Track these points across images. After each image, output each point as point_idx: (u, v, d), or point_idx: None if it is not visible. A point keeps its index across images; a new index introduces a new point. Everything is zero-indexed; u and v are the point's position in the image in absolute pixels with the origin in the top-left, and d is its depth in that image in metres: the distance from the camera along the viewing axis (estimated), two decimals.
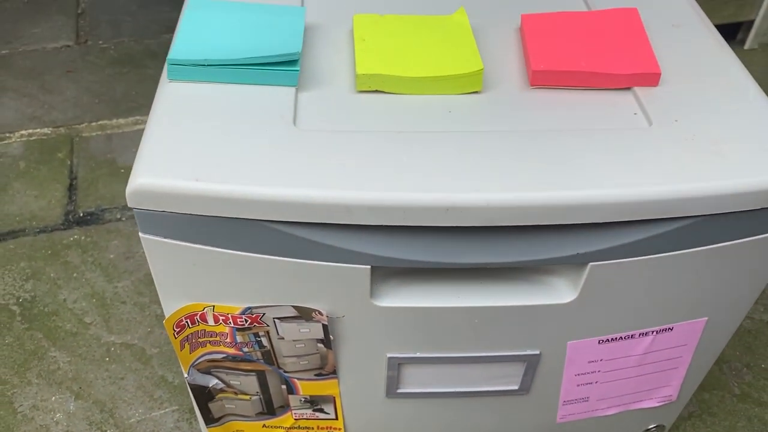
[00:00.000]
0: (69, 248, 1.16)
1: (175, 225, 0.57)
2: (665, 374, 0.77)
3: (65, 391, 0.97)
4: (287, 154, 0.56)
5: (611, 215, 0.56)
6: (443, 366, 0.71)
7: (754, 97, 0.64)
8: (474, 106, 0.63)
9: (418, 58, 0.65)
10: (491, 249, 0.59)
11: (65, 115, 1.44)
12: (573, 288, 0.63)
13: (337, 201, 0.54)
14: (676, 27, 0.72)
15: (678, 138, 0.59)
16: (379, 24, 0.70)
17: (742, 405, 0.99)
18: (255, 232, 0.56)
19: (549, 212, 0.55)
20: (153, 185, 0.54)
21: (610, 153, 0.58)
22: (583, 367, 0.72)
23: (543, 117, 0.62)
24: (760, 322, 1.09)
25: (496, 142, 0.59)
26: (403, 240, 0.58)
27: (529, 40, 0.68)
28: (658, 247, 0.59)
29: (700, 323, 0.70)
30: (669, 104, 0.63)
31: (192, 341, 0.68)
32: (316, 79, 0.65)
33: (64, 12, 1.75)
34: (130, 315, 1.06)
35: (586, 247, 0.58)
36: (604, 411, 0.80)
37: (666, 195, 0.55)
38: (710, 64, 0.68)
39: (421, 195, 0.54)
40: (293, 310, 0.64)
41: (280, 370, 0.71)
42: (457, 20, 0.70)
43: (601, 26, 0.69)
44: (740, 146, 0.59)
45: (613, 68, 0.64)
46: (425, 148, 0.58)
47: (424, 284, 0.64)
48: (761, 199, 0.57)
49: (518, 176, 0.56)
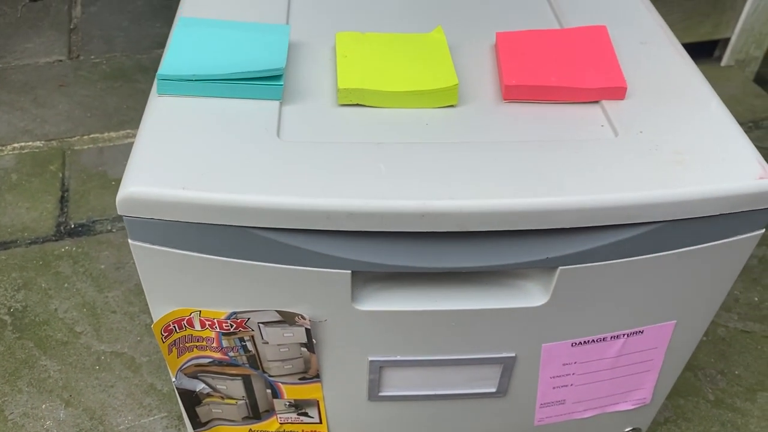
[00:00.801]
0: (60, 259, 1.18)
1: (163, 232, 0.59)
2: (638, 377, 0.80)
3: (55, 399, 0.98)
4: (270, 163, 0.59)
5: (578, 221, 0.59)
6: (423, 369, 0.73)
7: (716, 110, 0.67)
8: (450, 119, 0.66)
9: (397, 74, 0.69)
10: (466, 254, 0.62)
11: (57, 128, 1.46)
12: (544, 291, 0.66)
13: (317, 208, 0.57)
14: (643, 44, 0.76)
15: (642, 148, 0.63)
16: (361, 41, 0.73)
17: (716, 410, 1.01)
18: (239, 238, 0.59)
19: (519, 218, 0.58)
20: (142, 193, 0.57)
21: (578, 162, 0.61)
22: (558, 369, 0.75)
23: (515, 129, 0.65)
24: (734, 330, 1.12)
25: (469, 152, 0.62)
26: (382, 245, 0.61)
27: (502, 57, 0.71)
28: (625, 252, 0.62)
29: (669, 326, 0.73)
30: (634, 116, 0.66)
31: (179, 346, 0.70)
32: (300, 93, 0.68)
33: (57, 27, 1.78)
34: (120, 324, 1.08)
35: (556, 252, 0.61)
36: (580, 414, 0.83)
37: (629, 201, 0.58)
38: (675, 79, 0.71)
39: (398, 202, 0.57)
40: (277, 314, 0.66)
41: (265, 375, 0.73)
42: (435, 38, 0.74)
43: (571, 43, 0.73)
44: (701, 156, 0.62)
45: (582, 83, 0.68)
46: (402, 158, 0.61)
47: (403, 289, 0.67)
48: (720, 206, 0.60)
49: (490, 184, 0.59)
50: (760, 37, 1.69)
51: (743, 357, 1.08)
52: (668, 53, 0.75)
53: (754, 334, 1.12)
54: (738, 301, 1.17)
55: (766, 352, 1.09)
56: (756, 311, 1.15)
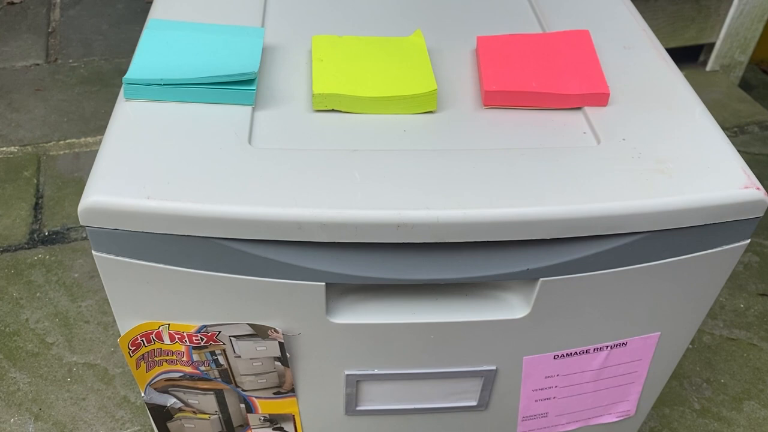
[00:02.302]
0: (33, 267, 1.15)
1: (129, 243, 0.57)
2: (622, 389, 0.78)
3: (24, 413, 0.95)
4: (240, 171, 0.57)
5: (558, 231, 0.57)
6: (401, 382, 0.71)
7: (700, 117, 0.66)
8: (428, 125, 0.64)
9: (374, 79, 0.67)
10: (444, 265, 0.60)
11: (33, 133, 1.43)
12: (525, 303, 0.64)
13: (288, 218, 0.54)
14: (627, 49, 0.74)
15: (625, 156, 0.61)
16: (337, 45, 0.71)
17: (702, 420, 1.00)
18: (207, 249, 0.57)
19: (497, 228, 0.56)
20: (105, 203, 0.54)
21: (559, 171, 0.59)
22: (540, 382, 0.73)
23: (495, 136, 0.63)
24: (720, 338, 1.11)
25: (448, 161, 0.60)
26: (357, 257, 0.59)
27: (483, 61, 0.69)
28: (607, 263, 0.61)
29: (654, 338, 0.72)
30: (617, 123, 0.64)
31: (148, 360, 0.68)
32: (274, 98, 0.66)
33: (35, 31, 1.74)
34: (93, 335, 1.05)
35: (536, 263, 0.59)
36: (563, 427, 0.81)
37: (611, 212, 0.57)
38: (659, 85, 0.70)
39: (372, 212, 0.55)
40: (249, 328, 0.64)
41: (238, 389, 0.71)
42: (414, 42, 0.72)
43: (553, 48, 0.71)
44: (685, 164, 0.60)
45: (564, 89, 0.66)
46: (378, 166, 0.59)
47: (379, 301, 0.64)
48: (704, 216, 0.59)
49: (468, 193, 0.57)
50: (744, 42, 1.69)
51: (729, 365, 1.07)
52: (652, 58, 0.73)
53: (740, 342, 1.11)
54: (724, 308, 1.16)
55: (752, 360, 1.08)
56: (742, 318, 1.14)
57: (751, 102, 1.66)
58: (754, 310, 1.16)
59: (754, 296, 1.18)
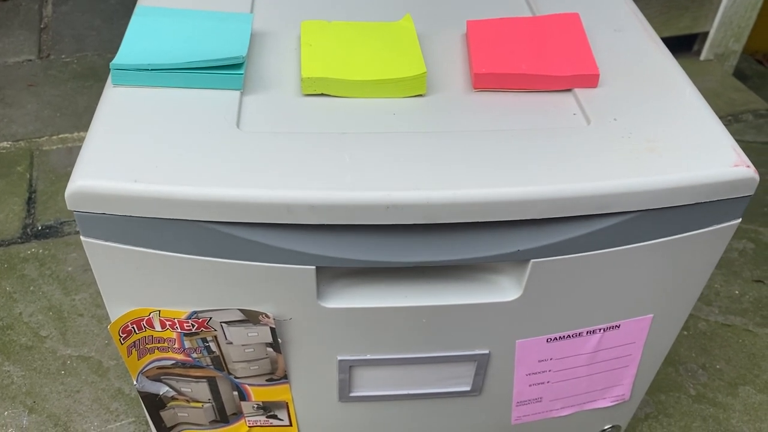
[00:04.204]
0: (26, 261, 1.15)
1: (117, 228, 0.56)
2: (616, 373, 0.78)
3: (18, 406, 0.95)
4: (228, 154, 0.57)
5: (550, 211, 0.57)
6: (394, 368, 0.71)
7: (690, 97, 0.66)
8: (418, 108, 0.64)
9: (364, 62, 0.66)
10: (435, 247, 0.60)
11: (25, 128, 1.42)
12: (517, 285, 0.63)
13: (277, 200, 0.54)
14: (617, 32, 0.74)
15: (615, 136, 0.61)
16: (327, 30, 0.71)
17: (697, 405, 1.00)
18: (196, 233, 0.56)
19: (488, 209, 0.56)
20: (92, 187, 0.54)
21: (548, 151, 0.59)
22: (533, 366, 0.73)
23: (485, 118, 0.63)
24: (715, 324, 1.11)
25: (437, 142, 0.59)
26: (347, 240, 0.58)
27: (472, 45, 0.69)
28: (598, 244, 0.60)
29: (647, 320, 0.71)
30: (607, 104, 0.64)
31: (139, 347, 0.67)
32: (262, 83, 0.66)
33: (27, 27, 1.74)
34: (87, 327, 1.05)
35: (527, 244, 0.59)
36: (558, 412, 0.81)
37: (602, 190, 0.56)
38: (649, 67, 0.69)
39: (362, 193, 0.55)
40: (240, 313, 0.64)
41: (231, 376, 0.71)
42: (403, 26, 0.72)
43: (543, 31, 0.71)
44: (675, 144, 0.60)
45: (553, 70, 0.66)
46: (368, 149, 0.58)
47: (371, 285, 0.64)
48: (695, 194, 0.58)
49: (458, 174, 0.56)
50: (738, 31, 1.69)
51: (724, 351, 1.07)
52: (642, 40, 0.73)
53: (735, 328, 1.10)
54: (719, 294, 1.16)
55: (747, 346, 1.08)
56: (737, 305, 1.14)
57: (745, 91, 1.66)
58: (749, 296, 1.15)
59: (749, 282, 1.18)
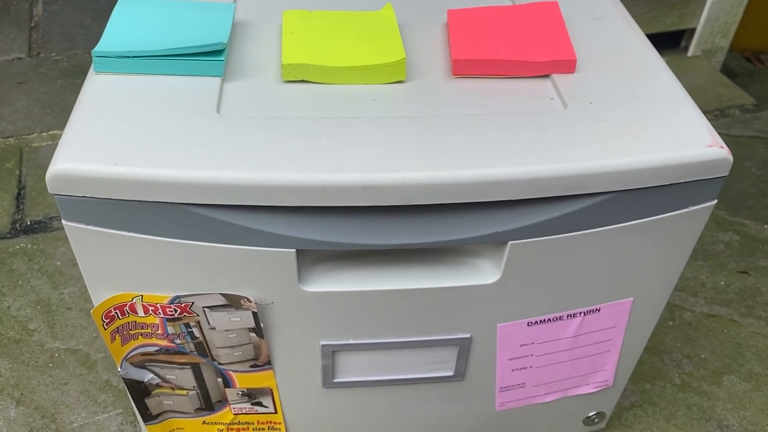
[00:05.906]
0: (15, 256, 1.15)
1: (97, 211, 0.57)
2: (599, 358, 0.78)
3: (6, 398, 0.95)
4: (207, 138, 0.57)
5: (525, 192, 0.57)
6: (377, 352, 0.71)
7: (666, 81, 0.67)
8: (397, 94, 0.65)
9: (344, 50, 0.67)
10: (414, 230, 0.60)
11: (15, 125, 1.43)
12: (496, 268, 0.64)
13: (255, 182, 0.55)
14: (595, 20, 0.75)
15: (591, 119, 0.62)
16: (308, 19, 0.71)
17: (682, 394, 1.00)
18: (175, 216, 0.57)
19: (464, 190, 0.56)
20: (72, 170, 0.54)
21: (525, 133, 0.60)
22: (515, 350, 0.74)
23: (463, 103, 0.64)
24: (701, 315, 1.12)
25: (415, 126, 0.60)
26: (326, 223, 0.59)
27: (452, 32, 0.70)
28: (575, 225, 0.61)
29: (627, 304, 0.72)
30: (584, 89, 0.65)
31: (123, 333, 0.68)
32: (243, 70, 0.66)
33: (17, 25, 1.74)
34: (75, 321, 1.05)
35: (505, 226, 0.60)
36: (542, 398, 0.81)
37: (578, 171, 0.57)
38: (626, 53, 0.70)
39: (339, 175, 0.55)
40: (222, 298, 0.64)
41: (215, 363, 0.71)
42: (384, 15, 0.72)
43: (522, 19, 0.72)
44: (651, 126, 0.61)
45: (531, 56, 0.67)
46: (346, 132, 0.59)
47: (352, 269, 0.65)
48: (670, 175, 0.59)
49: (435, 156, 0.57)
50: (725, 27, 1.70)
51: (709, 341, 1.08)
52: (620, 28, 0.74)
53: (720, 318, 1.11)
54: (704, 285, 1.16)
55: (732, 336, 1.09)
56: (722, 295, 1.15)
57: (732, 86, 1.67)
58: (734, 287, 1.16)
59: (734, 273, 1.19)
